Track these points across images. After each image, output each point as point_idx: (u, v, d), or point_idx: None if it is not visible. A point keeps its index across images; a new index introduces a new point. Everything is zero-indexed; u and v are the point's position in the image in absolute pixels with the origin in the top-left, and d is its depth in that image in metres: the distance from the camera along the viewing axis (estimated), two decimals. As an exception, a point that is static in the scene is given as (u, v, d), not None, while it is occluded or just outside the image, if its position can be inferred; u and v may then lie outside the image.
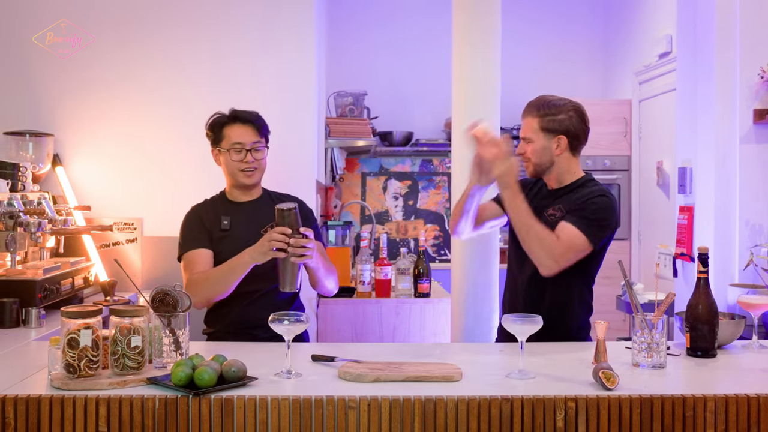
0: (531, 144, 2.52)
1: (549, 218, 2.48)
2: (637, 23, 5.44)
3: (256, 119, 2.65)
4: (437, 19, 5.44)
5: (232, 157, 2.60)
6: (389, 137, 5.73)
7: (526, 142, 2.53)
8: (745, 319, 2.38)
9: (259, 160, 2.62)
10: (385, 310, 3.78)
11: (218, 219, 2.63)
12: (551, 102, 2.54)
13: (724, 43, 3.55)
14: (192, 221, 2.67)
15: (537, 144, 2.51)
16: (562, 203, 2.51)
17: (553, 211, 2.50)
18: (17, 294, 2.79)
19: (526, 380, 1.95)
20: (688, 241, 3.76)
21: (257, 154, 2.62)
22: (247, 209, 2.65)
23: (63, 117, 3.77)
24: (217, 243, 2.60)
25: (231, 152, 2.60)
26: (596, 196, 2.45)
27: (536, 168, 2.55)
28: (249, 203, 2.67)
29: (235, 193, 2.69)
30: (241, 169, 2.60)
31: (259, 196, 2.70)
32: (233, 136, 2.61)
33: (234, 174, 2.63)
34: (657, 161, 5.04)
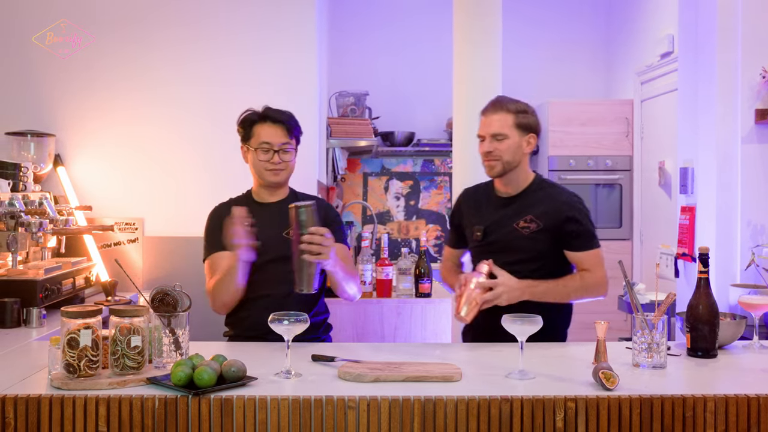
0: (505, 141, 2.47)
1: (522, 231, 2.48)
2: (639, 23, 5.44)
3: (288, 119, 2.58)
4: (439, 19, 5.44)
5: (259, 157, 2.55)
6: (391, 137, 5.73)
7: (498, 139, 2.47)
8: (746, 319, 2.38)
9: (286, 161, 2.56)
10: (386, 310, 3.78)
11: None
12: (517, 101, 2.54)
13: (726, 43, 3.54)
14: (214, 223, 2.61)
15: (512, 141, 2.47)
16: (532, 213, 2.49)
17: (525, 223, 2.49)
18: (18, 294, 2.79)
19: (526, 380, 1.95)
20: (689, 242, 3.75)
21: (285, 155, 2.55)
22: (271, 210, 2.59)
23: (64, 117, 3.78)
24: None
25: (258, 151, 2.55)
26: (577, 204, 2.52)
27: (505, 167, 2.49)
28: (273, 204, 2.61)
29: (261, 193, 2.64)
30: (268, 168, 2.55)
31: (285, 197, 2.63)
32: (262, 135, 2.55)
33: (260, 173, 2.57)
34: (659, 161, 5.04)
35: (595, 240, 2.51)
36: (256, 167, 2.58)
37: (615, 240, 5.42)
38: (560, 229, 2.48)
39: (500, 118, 2.48)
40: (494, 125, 2.47)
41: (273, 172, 2.55)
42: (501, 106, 2.49)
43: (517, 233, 2.48)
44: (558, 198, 2.53)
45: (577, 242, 2.49)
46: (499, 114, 2.48)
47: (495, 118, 2.48)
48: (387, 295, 3.81)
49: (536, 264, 2.48)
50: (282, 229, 2.54)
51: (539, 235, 2.48)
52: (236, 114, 3.81)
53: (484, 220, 2.56)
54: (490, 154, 2.48)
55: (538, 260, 2.49)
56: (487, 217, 2.55)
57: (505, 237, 2.50)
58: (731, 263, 3.56)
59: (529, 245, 2.48)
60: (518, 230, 2.48)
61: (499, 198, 2.57)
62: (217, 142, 3.84)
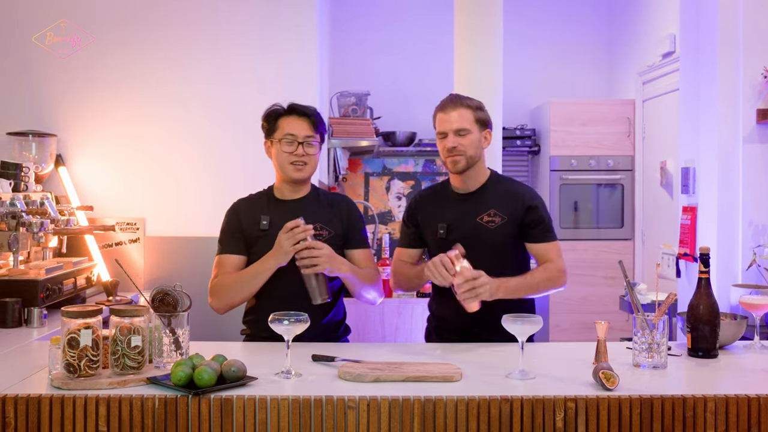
0: (468, 135, 2.47)
1: (488, 225, 2.49)
2: (641, 23, 5.43)
3: (314, 114, 2.55)
4: (440, 19, 5.43)
5: (283, 148, 2.50)
6: (392, 137, 5.72)
7: (461, 134, 2.47)
8: (746, 319, 2.37)
9: (310, 155, 2.51)
10: (387, 311, 3.78)
11: (257, 219, 2.53)
12: (471, 98, 2.55)
13: (728, 43, 3.53)
14: (231, 222, 2.57)
15: (474, 136, 2.49)
16: (494, 207, 2.51)
17: (489, 217, 2.50)
18: (20, 294, 2.80)
19: (526, 380, 1.95)
20: (691, 242, 3.75)
21: (309, 148, 2.51)
22: (291, 208, 2.54)
23: (66, 117, 3.78)
24: (254, 243, 2.51)
25: (282, 143, 2.50)
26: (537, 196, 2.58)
27: (468, 162, 2.49)
28: (293, 202, 2.57)
29: (283, 190, 2.59)
30: (291, 162, 2.49)
31: (305, 195, 2.59)
32: (287, 127, 2.51)
33: (283, 167, 2.52)
34: (660, 161, 5.03)
35: (554, 232, 2.56)
36: (279, 160, 2.52)
37: (616, 240, 5.42)
38: (522, 220, 2.51)
39: (461, 114, 2.48)
40: (457, 121, 2.47)
41: (296, 167, 2.50)
42: (460, 102, 2.50)
43: (481, 228, 2.49)
44: (518, 190, 2.57)
45: (539, 233, 2.52)
46: (459, 110, 2.48)
47: (456, 114, 2.48)
48: (388, 295, 3.80)
49: (501, 258, 2.49)
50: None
51: (504, 228, 2.50)
52: (237, 114, 3.85)
53: (445, 218, 2.54)
54: (455, 149, 2.47)
55: (502, 254, 2.50)
56: (448, 214, 2.54)
57: (470, 232, 2.49)
58: (733, 263, 3.56)
59: (493, 239, 2.49)
60: (483, 225, 2.50)
61: (458, 194, 2.57)
62: (218, 142, 3.85)
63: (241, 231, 2.54)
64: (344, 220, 2.57)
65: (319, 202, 2.59)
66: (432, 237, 2.58)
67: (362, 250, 2.59)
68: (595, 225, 5.45)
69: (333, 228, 2.54)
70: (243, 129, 3.82)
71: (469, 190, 2.56)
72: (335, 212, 2.58)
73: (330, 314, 2.54)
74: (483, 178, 2.57)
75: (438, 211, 2.58)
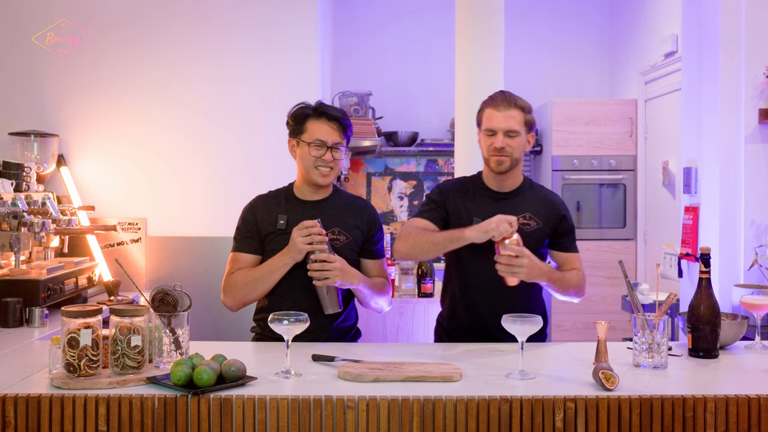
0: (517, 138, 2.44)
1: (524, 228, 2.47)
2: (643, 22, 5.42)
3: (344, 118, 2.50)
4: (443, 19, 5.43)
5: (311, 152, 2.45)
6: (394, 137, 5.73)
7: (511, 136, 2.43)
8: (747, 319, 2.37)
9: (337, 160, 2.48)
10: (389, 310, 3.77)
11: (274, 218, 2.50)
12: (521, 98, 2.51)
13: (729, 43, 3.52)
14: (247, 220, 2.54)
15: (522, 138, 2.47)
16: (529, 210, 2.50)
17: (525, 220, 2.49)
18: (21, 294, 2.80)
19: (526, 380, 1.94)
20: (693, 242, 3.74)
21: (336, 153, 2.47)
22: (310, 209, 2.51)
23: (68, 117, 3.79)
24: (270, 242, 2.49)
25: (311, 147, 2.45)
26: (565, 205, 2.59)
27: (512, 164, 2.47)
28: (313, 203, 2.53)
29: (303, 190, 2.55)
30: (317, 165, 2.45)
31: (327, 196, 2.56)
32: (317, 131, 2.46)
33: (309, 170, 2.47)
34: (663, 161, 5.02)
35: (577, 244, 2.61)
36: (305, 163, 2.48)
37: (619, 240, 5.41)
38: (556, 228, 2.53)
39: (514, 115, 2.44)
40: (509, 121, 2.43)
41: (322, 172, 2.46)
42: (513, 103, 2.46)
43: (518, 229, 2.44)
44: (551, 198, 2.58)
45: (569, 243, 2.56)
46: (513, 110, 2.44)
47: (509, 115, 2.44)
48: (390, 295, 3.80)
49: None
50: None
51: (537, 233, 2.50)
52: (239, 114, 3.85)
53: (480, 212, 2.48)
54: (503, 150, 2.43)
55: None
56: (483, 209, 2.49)
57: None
58: (735, 263, 3.55)
59: (527, 242, 2.44)
60: (520, 227, 2.45)
61: (493, 192, 2.54)
62: (220, 142, 3.86)
63: (257, 230, 2.51)
64: (364, 229, 2.53)
65: (340, 206, 2.55)
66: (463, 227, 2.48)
67: (377, 260, 2.57)
68: (597, 225, 5.45)
69: (351, 234, 2.51)
70: (245, 129, 3.83)
71: (504, 190, 2.53)
72: (356, 219, 2.54)
73: (340, 318, 2.52)
74: (519, 180, 2.55)
75: (471, 206, 2.52)
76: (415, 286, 3.85)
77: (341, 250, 2.47)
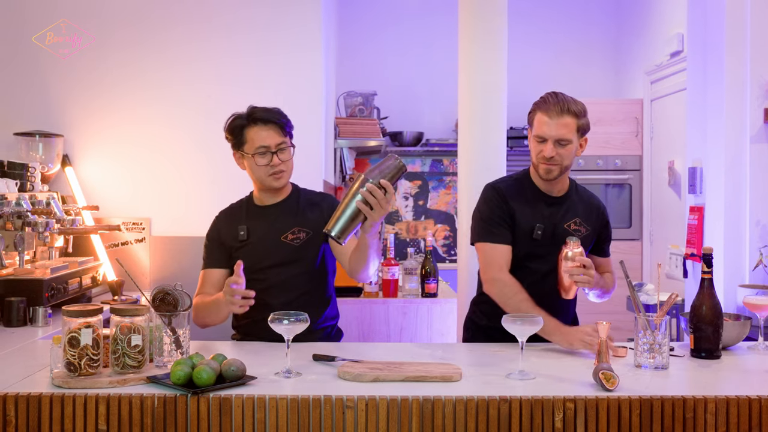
0: (568, 146, 2.34)
1: (575, 233, 2.44)
2: (649, 22, 5.41)
3: (278, 118, 2.46)
4: (448, 19, 5.42)
5: (257, 162, 2.43)
6: (399, 137, 5.73)
7: (562, 144, 2.33)
8: (750, 320, 2.36)
9: (286, 161, 2.46)
10: (392, 310, 3.78)
11: (236, 230, 2.50)
12: (576, 101, 2.40)
13: (735, 42, 3.51)
14: (212, 236, 2.56)
15: (573, 146, 2.36)
16: (578, 215, 2.48)
17: (576, 226, 2.46)
18: (25, 293, 2.81)
19: (525, 380, 1.94)
20: (698, 242, 3.72)
21: (283, 155, 2.45)
22: (269, 214, 2.51)
23: (72, 117, 3.80)
24: (236, 253, 2.47)
25: (256, 157, 2.43)
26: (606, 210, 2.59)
27: (562, 171, 2.39)
28: (272, 207, 2.53)
29: (261, 197, 2.54)
30: (269, 174, 2.44)
31: (286, 197, 2.55)
32: (257, 139, 2.43)
33: (262, 179, 2.47)
34: (668, 161, 5.01)
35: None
36: (256, 173, 2.47)
37: (625, 240, 5.39)
38: (600, 233, 2.54)
39: (567, 123, 2.33)
40: (561, 130, 2.33)
41: (275, 176, 2.45)
42: (567, 109, 2.34)
43: (566, 233, 2.43)
44: (596, 203, 2.56)
45: (608, 248, 2.60)
46: (566, 118, 2.33)
47: (562, 123, 2.33)
48: (393, 295, 3.81)
49: None
50: (282, 232, 2.48)
51: (586, 239, 2.48)
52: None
53: (539, 218, 2.42)
54: (552, 159, 2.34)
55: None
56: (540, 215, 2.43)
57: (560, 238, 2.40)
58: (740, 264, 3.53)
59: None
60: (571, 232, 2.44)
61: (546, 196, 2.46)
62: (223, 142, 3.82)
63: (221, 243, 2.53)
64: (325, 217, 2.42)
65: (298, 204, 2.54)
66: (523, 236, 2.44)
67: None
68: (603, 225, 5.43)
69: (311, 228, 2.48)
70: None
71: (555, 194, 2.47)
72: (315, 212, 2.51)
73: (321, 318, 2.52)
74: (567, 184, 2.50)
75: (531, 210, 2.44)
76: (419, 286, 3.85)
77: (303, 247, 2.46)
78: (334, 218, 2.19)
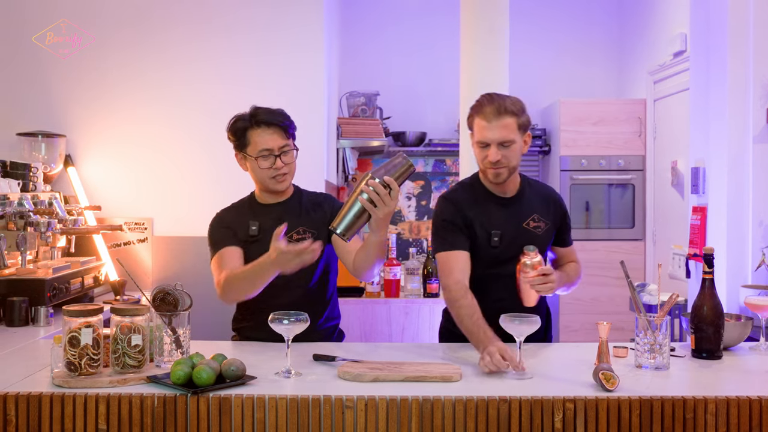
0: (512, 146, 2.31)
1: (535, 231, 2.44)
2: (652, 21, 5.39)
3: (282, 121, 2.44)
4: (450, 19, 5.41)
5: (260, 165, 2.42)
6: (402, 137, 5.72)
7: (506, 146, 2.30)
8: (752, 320, 2.35)
9: (289, 164, 2.45)
10: (394, 310, 3.78)
11: (246, 225, 2.48)
12: (513, 99, 2.35)
13: (737, 41, 3.50)
14: (218, 226, 2.54)
15: (517, 145, 2.33)
16: (536, 211, 2.46)
17: (535, 223, 2.45)
18: (27, 293, 2.82)
19: (525, 380, 1.94)
20: (700, 242, 3.71)
21: (286, 157, 2.43)
22: (277, 212, 2.49)
23: (75, 118, 3.81)
24: (247, 249, 2.45)
25: (259, 160, 2.42)
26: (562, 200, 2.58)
27: (511, 172, 2.36)
28: (278, 205, 2.52)
29: (264, 197, 2.54)
30: (272, 176, 2.43)
31: (289, 197, 2.54)
32: (260, 142, 2.41)
33: (264, 182, 2.46)
34: (672, 161, 4.99)
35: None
36: (258, 176, 2.46)
37: (627, 240, 5.38)
38: (560, 224, 2.53)
39: (507, 124, 2.29)
40: (502, 132, 2.29)
41: (277, 179, 2.44)
42: (504, 110, 2.29)
43: (530, 234, 2.42)
44: (550, 194, 2.55)
45: (569, 237, 2.59)
46: (505, 119, 2.29)
47: (502, 125, 2.29)
48: (395, 295, 3.81)
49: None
50: (287, 232, 2.42)
51: (548, 234, 2.49)
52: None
53: (494, 224, 2.40)
54: (499, 162, 2.31)
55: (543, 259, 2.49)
56: (496, 220, 2.41)
57: (520, 239, 2.38)
58: (742, 264, 3.52)
59: (541, 245, 2.42)
60: (530, 231, 2.43)
61: (498, 198, 2.45)
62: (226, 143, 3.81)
63: (234, 234, 2.48)
64: (328, 217, 2.46)
65: (301, 205, 2.53)
66: (482, 245, 2.41)
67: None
68: (605, 225, 5.42)
69: (316, 229, 2.48)
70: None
71: (508, 195, 2.45)
72: (318, 212, 2.51)
73: (322, 319, 2.52)
74: (518, 181, 2.48)
75: (487, 217, 2.41)
76: (420, 286, 3.86)
77: None
78: (340, 216, 2.19)
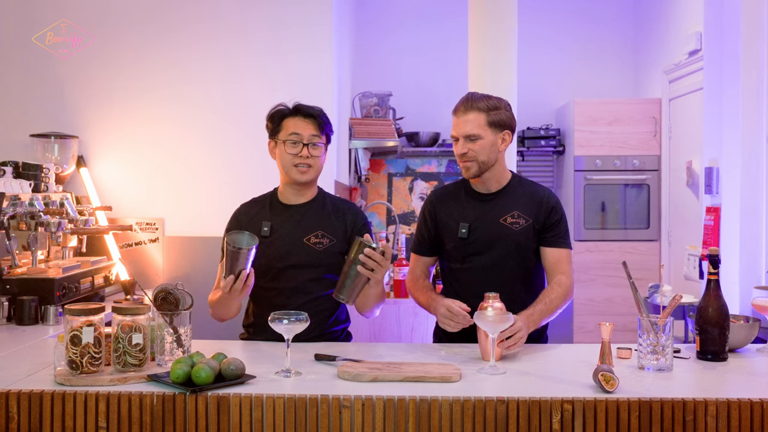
0: (479, 141, 2.41)
1: (512, 226, 2.46)
2: (667, 20, 5.34)
3: (320, 114, 2.49)
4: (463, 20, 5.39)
5: (287, 150, 2.44)
6: (415, 138, 5.71)
7: (472, 140, 2.41)
8: (759, 321, 2.32)
9: (315, 157, 2.46)
10: (404, 311, 3.77)
11: (258, 225, 2.48)
12: (489, 97, 2.48)
13: (751, 41, 3.47)
14: (233, 224, 2.56)
15: (486, 140, 2.41)
16: (516, 208, 2.48)
17: (513, 219, 2.47)
18: (37, 292, 2.85)
19: (524, 381, 1.93)
20: (714, 243, 3.67)
21: (314, 150, 2.45)
22: (294, 213, 2.50)
23: (87, 119, 3.85)
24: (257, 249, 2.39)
25: (287, 144, 2.45)
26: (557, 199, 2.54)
27: (482, 167, 2.44)
28: (297, 207, 2.52)
29: (286, 193, 2.54)
30: (295, 164, 2.44)
31: (311, 199, 2.54)
32: (291, 127, 2.46)
33: (287, 169, 2.46)
34: (687, 161, 4.94)
35: (569, 240, 2.53)
36: (283, 161, 2.47)
37: (642, 241, 5.33)
38: (544, 222, 2.49)
39: (473, 119, 2.41)
40: (467, 126, 2.42)
41: (300, 169, 2.45)
42: (472, 106, 2.43)
43: (505, 229, 2.46)
44: (540, 192, 2.54)
45: (553, 238, 2.49)
46: (471, 114, 2.42)
47: (467, 119, 2.42)
48: (404, 295, 3.80)
49: (523, 261, 2.49)
50: (304, 234, 2.47)
51: (528, 230, 2.48)
52: (254, 114, 3.86)
53: (466, 217, 2.49)
54: (465, 155, 2.43)
55: (524, 257, 2.49)
56: (469, 214, 2.50)
57: (493, 233, 2.46)
58: (756, 264, 3.48)
59: (517, 241, 2.46)
60: (506, 226, 2.46)
61: (479, 194, 2.53)
62: (236, 143, 3.88)
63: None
64: (348, 229, 2.51)
65: (324, 209, 2.53)
66: (451, 236, 2.51)
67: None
68: (621, 226, 5.38)
69: (335, 236, 2.49)
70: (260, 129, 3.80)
71: (490, 191, 2.52)
72: (339, 220, 2.52)
73: (331, 320, 2.52)
74: (504, 179, 2.52)
75: (458, 211, 2.52)
76: (430, 286, 3.84)
77: (324, 252, 2.46)
78: (340, 284, 2.30)
